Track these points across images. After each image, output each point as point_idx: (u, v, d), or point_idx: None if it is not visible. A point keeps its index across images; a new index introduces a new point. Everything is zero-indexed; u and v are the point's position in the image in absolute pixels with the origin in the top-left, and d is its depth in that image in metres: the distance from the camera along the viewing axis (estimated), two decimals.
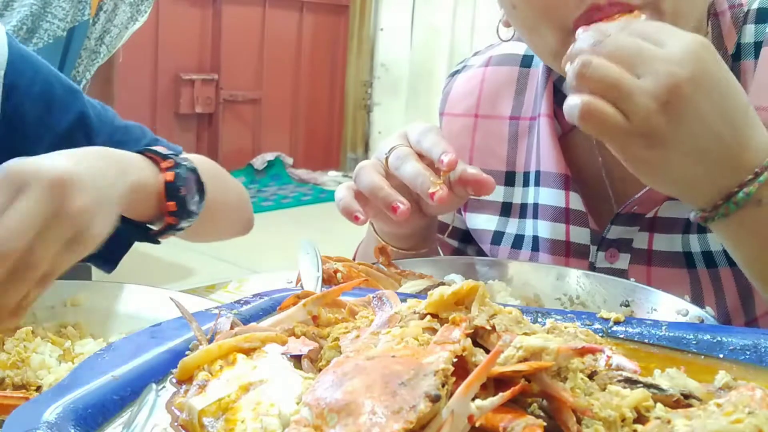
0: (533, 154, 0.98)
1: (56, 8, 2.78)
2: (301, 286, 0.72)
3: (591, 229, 0.92)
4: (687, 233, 0.88)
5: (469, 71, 1.07)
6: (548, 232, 0.96)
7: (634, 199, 0.87)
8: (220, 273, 3.43)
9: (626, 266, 0.90)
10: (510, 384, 0.41)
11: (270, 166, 5.66)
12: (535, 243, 0.98)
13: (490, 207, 1.02)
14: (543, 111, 0.96)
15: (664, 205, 0.87)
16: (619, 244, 0.90)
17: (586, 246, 0.92)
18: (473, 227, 1.04)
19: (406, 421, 0.36)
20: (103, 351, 0.52)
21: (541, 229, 0.97)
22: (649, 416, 0.41)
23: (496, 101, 1.03)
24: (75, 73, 2.95)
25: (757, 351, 0.53)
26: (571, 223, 0.94)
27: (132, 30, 3.12)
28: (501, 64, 1.03)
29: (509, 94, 1.02)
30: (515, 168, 1.01)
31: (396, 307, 0.53)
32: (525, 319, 0.50)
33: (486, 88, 1.04)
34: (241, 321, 0.56)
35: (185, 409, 0.45)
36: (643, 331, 0.58)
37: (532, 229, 0.98)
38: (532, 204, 0.98)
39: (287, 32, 5.76)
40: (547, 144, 0.95)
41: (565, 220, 0.94)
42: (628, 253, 0.90)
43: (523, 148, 1.00)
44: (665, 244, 0.89)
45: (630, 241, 0.90)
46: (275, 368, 0.46)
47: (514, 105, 1.01)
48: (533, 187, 0.98)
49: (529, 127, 1.00)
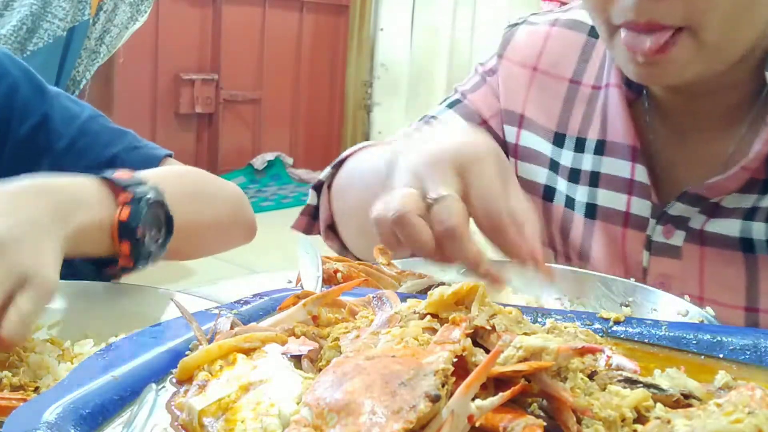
0: (595, 122, 0.99)
1: (56, 8, 2.78)
2: (301, 286, 0.72)
3: (652, 203, 0.93)
4: (750, 220, 0.88)
5: (533, 27, 1.07)
6: (608, 201, 0.97)
7: (707, 184, 0.88)
8: (220, 273, 3.43)
9: (681, 243, 0.91)
10: (510, 384, 0.41)
11: (270, 166, 5.65)
12: (590, 210, 0.99)
13: (538, 158, 1.04)
14: (612, 81, 0.97)
15: (732, 195, 0.88)
16: (677, 221, 0.91)
17: (646, 219, 0.94)
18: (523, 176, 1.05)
19: (406, 421, 0.36)
20: (103, 351, 0.52)
21: (601, 198, 0.98)
22: (649, 416, 0.41)
23: (559, 61, 1.03)
24: (75, 73, 2.95)
25: (757, 351, 0.53)
26: (633, 194, 0.95)
27: (132, 30, 3.13)
28: (569, 28, 1.04)
29: (573, 58, 1.03)
30: (566, 131, 1.02)
31: (396, 307, 0.53)
32: (525, 319, 0.50)
33: (550, 45, 1.04)
34: (241, 321, 0.56)
35: (185, 409, 0.45)
36: (643, 331, 0.58)
37: (587, 197, 0.99)
38: (589, 171, 0.99)
39: (287, 32, 5.76)
40: (618, 114, 0.96)
41: (628, 192, 0.95)
42: (683, 231, 0.91)
43: (579, 113, 1.01)
44: (720, 228, 0.89)
45: (688, 219, 0.91)
46: (275, 368, 0.46)
47: (575, 69, 1.02)
48: (592, 155, 0.98)
49: (590, 95, 1.00)
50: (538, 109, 1.03)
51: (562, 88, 1.03)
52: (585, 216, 0.99)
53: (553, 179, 1.03)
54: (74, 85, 2.97)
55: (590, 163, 0.99)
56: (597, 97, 1.00)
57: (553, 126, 1.03)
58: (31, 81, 1.00)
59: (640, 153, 0.94)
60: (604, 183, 0.97)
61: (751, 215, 0.88)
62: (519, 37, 1.07)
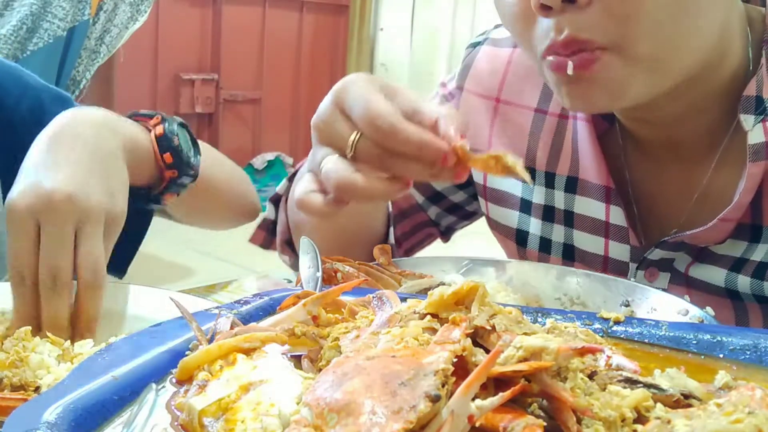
0: (564, 157, 0.93)
1: (56, 8, 2.78)
2: (301, 286, 0.72)
3: (631, 246, 0.88)
4: (736, 272, 0.84)
5: (494, 48, 0.99)
6: (585, 243, 0.91)
7: (686, 234, 0.83)
8: (220, 273, 3.43)
9: (665, 285, 0.87)
10: (510, 384, 0.41)
11: (270, 166, 5.65)
12: (568, 252, 0.94)
13: (509, 200, 0.98)
14: (580, 114, 0.91)
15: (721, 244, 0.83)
16: (661, 263, 0.87)
17: (626, 263, 0.89)
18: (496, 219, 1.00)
19: (406, 421, 0.36)
20: (103, 351, 0.52)
21: (577, 239, 0.92)
22: (649, 416, 0.41)
23: (522, 89, 0.96)
24: (75, 73, 2.95)
25: (757, 351, 0.53)
26: (610, 238, 0.89)
27: (132, 30, 3.12)
28: None
29: (537, 84, 0.95)
30: (535, 165, 0.95)
31: (396, 307, 0.53)
32: (525, 319, 0.50)
33: (512, 71, 0.97)
34: (241, 321, 0.56)
35: (185, 409, 0.45)
36: (643, 331, 0.58)
37: (563, 237, 0.94)
38: (563, 210, 0.93)
39: (287, 32, 5.76)
40: (588, 151, 0.90)
41: (605, 234, 0.90)
42: (668, 272, 0.87)
43: (546, 145, 0.94)
44: (705, 276, 0.85)
45: (671, 260, 0.87)
46: (275, 368, 0.46)
47: (540, 96, 0.95)
48: (564, 192, 0.93)
49: (557, 125, 0.93)
50: (504, 144, 0.96)
51: (527, 120, 0.95)
52: (563, 258, 0.94)
53: (526, 222, 0.97)
54: (74, 85, 2.96)
55: (562, 201, 0.94)
56: (564, 127, 0.93)
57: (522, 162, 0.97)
58: (51, 90, 1.03)
59: (615, 192, 0.89)
60: (579, 224, 0.92)
61: (738, 267, 0.83)
62: (479, 64, 0.99)
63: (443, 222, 1.07)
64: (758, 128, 0.78)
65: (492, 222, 1.02)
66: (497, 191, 0.99)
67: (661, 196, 0.89)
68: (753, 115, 0.78)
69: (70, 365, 0.66)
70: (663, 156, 0.88)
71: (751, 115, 0.78)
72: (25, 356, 0.65)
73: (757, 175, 0.79)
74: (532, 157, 0.95)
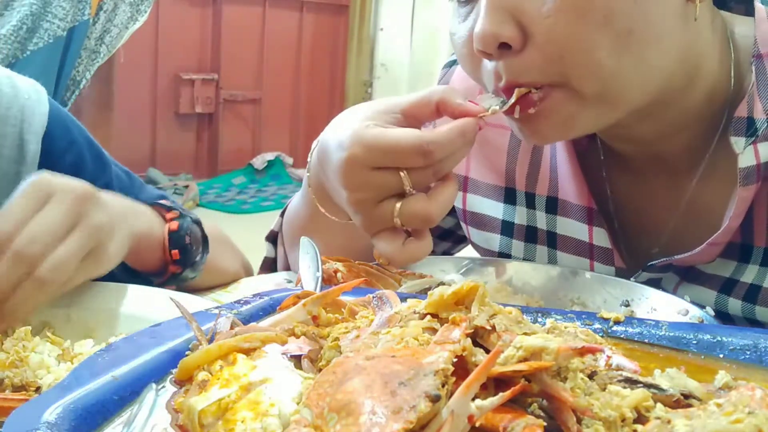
0: (542, 177, 0.92)
1: (56, 8, 2.78)
2: (301, 286, 0.72)
3: (617, 267, 0.87)
4: (726, 294, 0.82)
5: None
6: (570, 265, 0.90)
7: (674, 259, 0.82)
8: None
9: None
10: (510, 384, 0.41)
11: (270, 166, 5.65)
12: None
13: (490, 224, 0.97)
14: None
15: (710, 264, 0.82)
16: (648, 284, 0.85)
17: None
18: (478, 243, 0.99)
19: (406, 421, 0.36)
20: (103, 351, 0.52)
21: (561, 261, 0.91)
22: (649, 416, 0.41)
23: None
24: (75, 73, 2.95)
25: (757, 351, 0.53)
26: (595, 259, 0.88)
27: (132, 30, 3.12)
28: None
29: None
30: (515, 185, 0.94)
31: (396, 307, 0.53)
32: (525, 319, 0.50)
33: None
34: (241, 321, 0.56)
35: (185, 409, 0.45)
36: (643, 331, 0.58)
37: (547, 258, 0.93)
38: (545, 231, 0.92)
39: (287, 32, 5.76)
40: (566, 171, 0.89)
41: (589, 256, 0.89)
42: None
43: (524, 165, 0.93)
44: (693, 296, 0.83)
45: (659, 280, 0.86)
46: (275, 368, 0.46)
47: None
48: (545, 213, 0.92)
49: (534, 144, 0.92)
50: (483, 167, 0.95)
51: (505, 139, 0.94)
52: None
53: (508, 245, 0.96)
54: (74, 85, 2.97)
55: (545, 221, 0.92)
56: (541, 146, 0.92)
57: (501, 182, 0.94)
58: (93, 149, 1.02)
59: (597, 213, 0.87)
60: (562, 245, 0.91)
61: (729, 289, 0.82)
62: (455, 84, 0.97)
63: (438, 249, 1.06)
64: (749, 151, 0.76)
65: (475, 246, 1.01)
66: (477, 215, 0.97)
67: (645, 211, 0.88)
68: (743, 137, 0.76)
69: (70, 365, 0.66)
70: (646, 169, 0.87)
71: (742, 138, 0.76)
72: (25, 356, 0.65)
73: (748, 198, 0.77)
74: (511, 178, 0.95)
